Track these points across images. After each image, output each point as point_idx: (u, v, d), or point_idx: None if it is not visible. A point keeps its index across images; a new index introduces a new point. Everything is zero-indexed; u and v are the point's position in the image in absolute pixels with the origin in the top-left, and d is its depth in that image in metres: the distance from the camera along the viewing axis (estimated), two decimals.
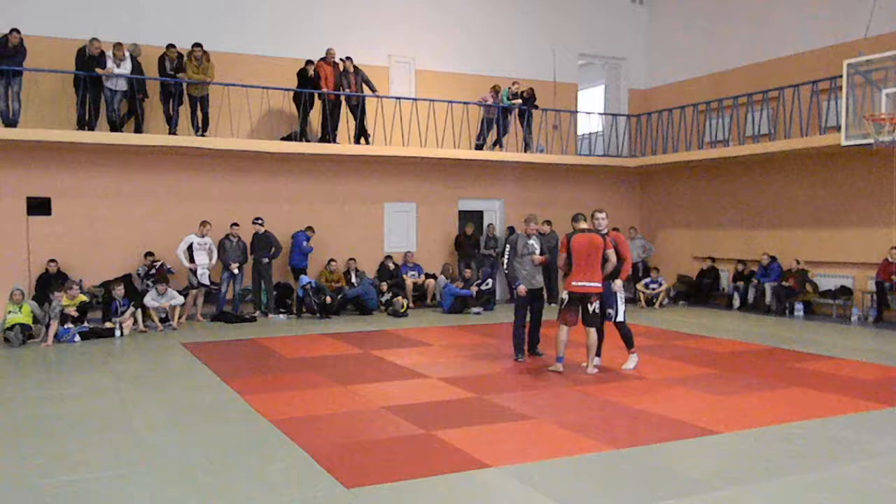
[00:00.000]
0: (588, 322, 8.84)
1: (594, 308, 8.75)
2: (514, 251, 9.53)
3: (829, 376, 8.74)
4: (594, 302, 8.73)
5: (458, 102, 16.14)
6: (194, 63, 13.76)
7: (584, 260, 8.68)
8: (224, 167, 14.67)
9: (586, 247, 8.68)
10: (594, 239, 8.68)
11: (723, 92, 16.44)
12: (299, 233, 14.67)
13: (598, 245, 8.66)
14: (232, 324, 13.21)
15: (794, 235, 15.36)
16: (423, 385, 8.35)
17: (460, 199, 17.11)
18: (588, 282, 8.69)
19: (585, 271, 8.68)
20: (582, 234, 8.75)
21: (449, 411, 7.12)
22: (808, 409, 7.23)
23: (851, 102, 12.33)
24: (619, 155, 18.42)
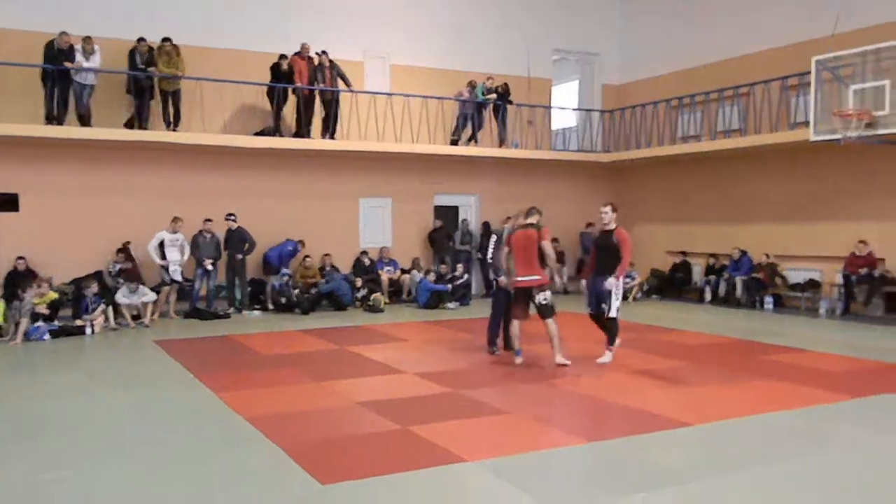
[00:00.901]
0: (541, 314, 8.93)
1: (540, 300, 8.83)
2: (500, 242, 9.56)
3: (798, 368, 8.88)
4: (538, 294, 8.82)
5: (433, 98, 16.14)
6: (165, 57, 13.63)
7: (521, 255, 8.88)
8: (196, 163, 14.54)
9: (522, 242, 8.90)
10: (529, 234, 8.86)
11: (695, 87, 16.59)
12: (291, 241, 14.66)
13: (532, 239, 8.82)
14: (205, 320, 13.11)
15: (764, 230, 15.57)
16: (399, 380, 8.35)
17: (436, 195, 17.11)
18: (527, 276, 8.85)
19: (523, 266, 8.88)
20: (519, 230, 8.99)
21: (425, 406, 7.13)
22: (777, 400, 7.34)
23: (820, 98, 12.51)
24: (593, 150, 18.53)
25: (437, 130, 16.28)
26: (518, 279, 8.94)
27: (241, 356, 9.88)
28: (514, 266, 8.99)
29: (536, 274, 8.84)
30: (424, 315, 13.96)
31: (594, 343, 10.19)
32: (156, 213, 13.81)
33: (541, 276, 8.85)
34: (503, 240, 9.46)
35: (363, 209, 16.30)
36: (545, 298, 8.86)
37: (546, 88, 18.66)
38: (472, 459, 5.51)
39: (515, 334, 9.07)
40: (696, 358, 9.56)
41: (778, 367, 8.99)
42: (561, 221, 18.01)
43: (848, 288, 13.62)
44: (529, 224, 8.95)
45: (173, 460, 5.60)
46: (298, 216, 15.24)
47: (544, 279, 8.88)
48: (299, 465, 5.38)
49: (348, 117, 15.32)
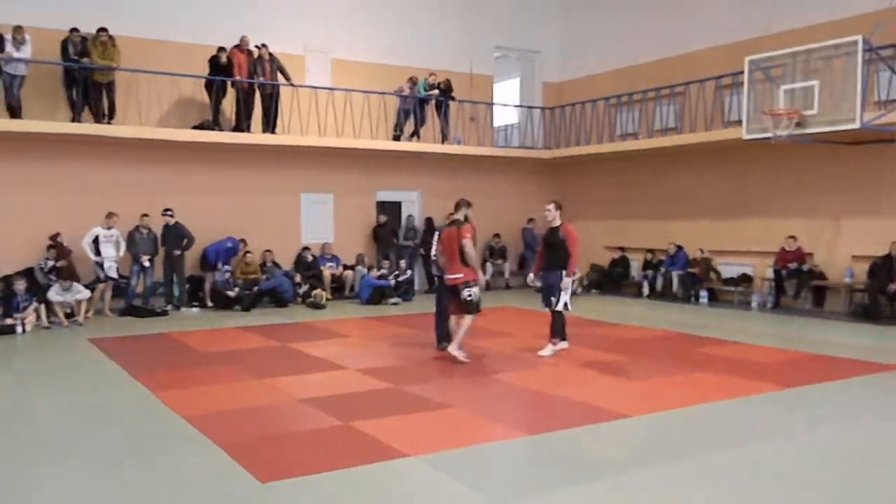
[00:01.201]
0: (463, 309, 8.91)
1: (464, 295, 8.82)
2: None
3: (732, 360, 9.11)
4: (463, 290, 8.81)
5: (374, 93, 16.05)
6: (100, 48, 13.24)
7: (447, 252, 8.97)
8: (132, 157, 14.18)
9: (445, 240, 9.00)
10: (451, 232, 8.92)
11: (633, 86, 16.87)
12: (232, 238, 14.47)
13: (452, 236, 8.88)
14: (142, 318, 12.82)
15: (699, 225, 15.92)
16: (341, 377, 8.30)
17: (378, 190, 17.04)
18: (452, 274, 8.91)
19: (449, 264, 8.96)
20: (445, 229, 9.07)
21: (366, 402, 7.10)
22: (713, 391, 7.52)
23: (752, 98, 12.84)
24: (534, 147, 18.70)
25: (380, 126, 16.21)
26: (446, 276, 9.04)
27: (179, 354, 9.68)
28: (444, 263, 9.05)
29: (459, 272, 8.82)
30: (367, 311, 13.89)
31: (534, 337, 10.29)
32: (90, 208, 13.41)
33: (464, 273, 8.80)
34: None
35: (305, 204, 16.13)
36: (469, 294, 8.82)
37: (488, 85, 18.74)
38: (413, 454, 5.50)
39: (454, 330, 9.08)
40: (635, 351, 9.73)
41: (713, 359, 9.21)
42: (503, 217, 18.16)
43: (778, 282, 14.03)
44: (454, 221, 9.00)
45: (109, 461, 5.45)
46: (238, 211, 15.00)
47: (468, 276, 8.81)
48: (238, 464, 5.29)
49: (289, 112, 15.13)
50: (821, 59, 11.92)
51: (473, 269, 8.88)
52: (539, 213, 18.31)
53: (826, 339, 10.75)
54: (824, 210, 13.81)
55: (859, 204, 13.31)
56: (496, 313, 13.45)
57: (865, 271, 12.89)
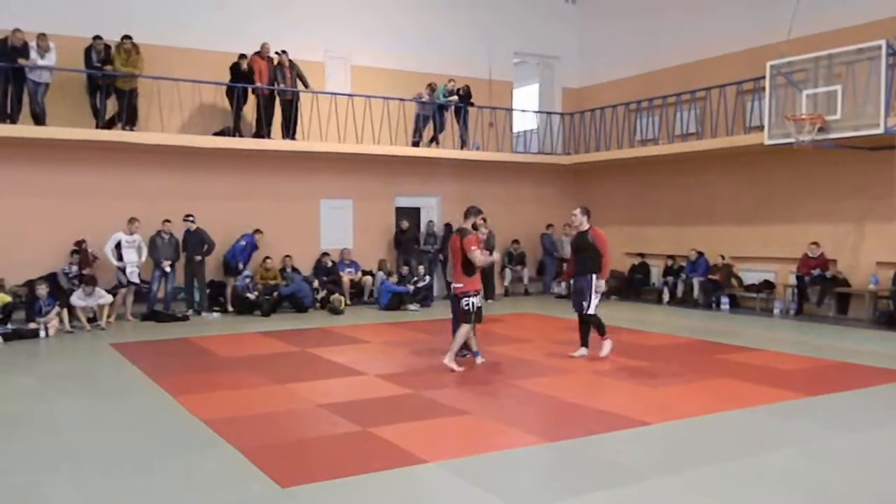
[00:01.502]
0: (461, 318, 8.82)
1: (462, 304, 8.70)
2: None
3: (754, 367, 9.03)
4: (462, 300, 8.71)
5: (394, 99, 16.10)
6: (123, 55, 13.39)
7: (453, 261, 8.93)
8: (154, 163, 14.31)
9: (452, 248, 8.95)
10: (455, 240, 8.84)
11: (653, 91, 16.81)
12: (246, 234, 14.55)
13: (456, 246, 8.78)
14: (163, 323, 12.91)
15: (720, 231, 15.81)
16: (360, 382, 8.31)
17: (397, 196, 17.07)
18: (455, 283, 8.85)
19: (453, 272, 8.95)
20: (455, 236, 8.95)
21: (385, 408, 7.10)
22: (733, 399, 7.45)
23: (774, 103, 12.75)
24: (553, 152, 18.66)
25: (399, 132, 16.25)
26: (453, 284, 8.99)
27: (199, 359, 9.73)
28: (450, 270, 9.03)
29: (460, 281, 8.73)
30: (386, 317, 13.91)
31: (553, 344, 10.28)
32: (112, 213, 13.55)
33: (464, 283, 8.69)
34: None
35: (324, 210, 16.19)
36: (467, 304, 8.70)
37: (507, 91, 18.74)
38: (432, 460, 5.49)
39: (470, 337, 9.05)
40: (656, 358, 9.66)
41: (735, 366, 9.13)
42: (522, 223, 18.14)
43: (801, 289, 13.89)
44: (462, 230, 8.88)
45: (131, 465, 5.48)
46: (258, 217, 15.08)
47: (469, 286, 8.69)
48: (259, 468, 5.30)
49: (309, 118, 15.21)
50: (844, 63, 11.83)
51: (477, 280, 8.78)
52: (558, 218, 18.37)
53: (850, 346, 10.63)
54: (848, 216, 13.67)
55: (883, 209, 13.16)
56: (515, 319, 13.42)
57: (890, 278, 12.73)
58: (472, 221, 8.94)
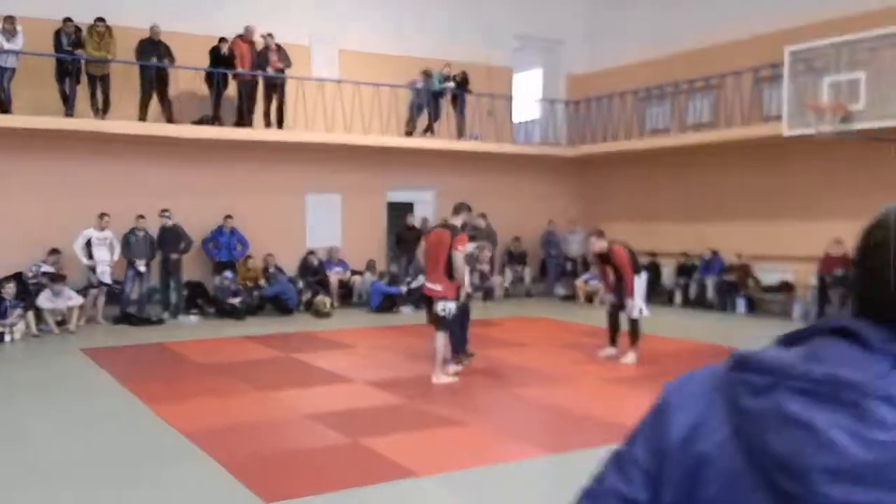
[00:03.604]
0: (435, 323, 8.48)
1: (438, 309, 8.34)
2: None
3: None
4: (438, 303, 8.34)
5: (385, 85, 16.11)
6: (95, 39, 13.39)
7: (431, 258, 8.41)
8: (128, 154, 14.30)
9: (433, 243, 8.47)
10: (442, 236, 8.40)
11: (664, 78, 16.83)
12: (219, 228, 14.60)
13: (443, 242, 8.31)
14: (137, 326, 12.92)
15: (736, 228, 15.85)
16: (348, 390, 8.34)
17: (389, 190, 17.09)
18: (429, 283, 8.48)
19: (429, 271, 8.49)
20: (435, 231, 8.68)
21: (375, 418, 7.13)
22: None
23: (793, 91, 12.78)
24: (557, 143, 18.69)
25: (391, 121, 16.25)
26: (425, 285, 8.66)
27: (176, 365, 9.76)
28: (425, 269, 8.65)
29: (439, 283, 8.27)
30: (376, 320, 13.94)
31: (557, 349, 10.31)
32: (82, 208, 13.54)
33: (444, 286, 8.27)
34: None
35: (310, 205, 16.21)
36: (443, 309, 8.31)
37: (507, 77, 18.75)
38: (425, 474, 5.52)
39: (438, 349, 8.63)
40: (667, 364, 9.69)
41: None
42: (523, 218, 18.15)
43: (822, 290, 13.92)
44: (449, 225, 8.49)
45: (103, 480, 5.51)
46: (239, 212, 15.06)
47: (448, 292, 8.30)
48: (241, 482, 5.33)
49: (294, 106, 15.20)
50: (867, 49, 11.86)
51: (457, 284, 8.41)
52: (561, 214, 18.41)
53: None
54: (872, 211, 13.51)
55: None
56: (515, 323, 13.46)
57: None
58: (462, 219, 8.65)
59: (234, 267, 14.40)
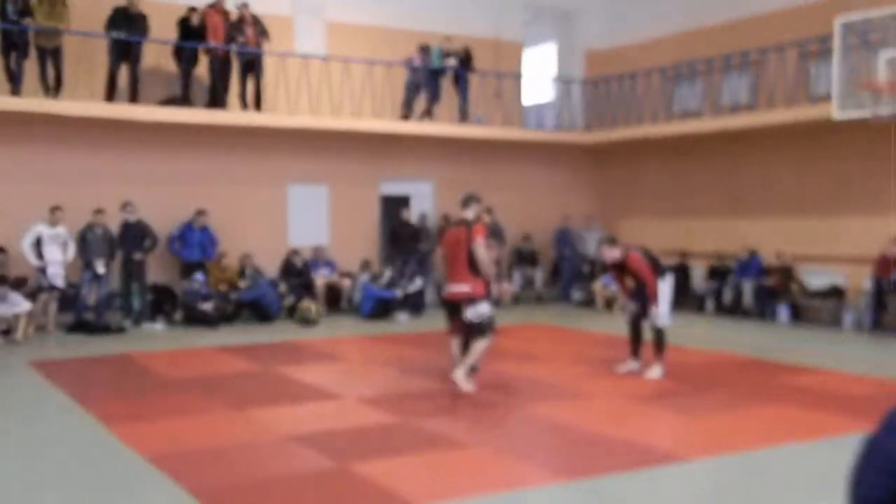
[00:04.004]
0: (469, 331, 8.70)
1: (470, 316, 8.59)
2: None
3: (816, 392, 9.06)
4: (468, 308, 8.58)
5: (379, 63, 16.11)
6: (45, 6, 13.39)
7: (450, 259, 8.77)
8: (84, 139, 14.31)
9: (450, 242, 8.80)
10: (458, 233, 8.69)
11: (696, 53, 16.83)
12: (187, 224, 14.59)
13: (459, 238, 8.62)
14: (94, 335, 12.93)
15: (778, 225, 15.85)
16: (337, 408, 8.33)
17: (382, 181, 17.10)
18: (453, 287, 8.70)
19: (451, 273, 8.76)
20: (452, 229, 8.90)
21: (367, 439, 7.13)
22: (792, 430, 7.48)
23: (845, 68, 12.76)
24: (573, 128, 18.69)
25: (385, 103, 16.26)
26: (447, 290, 8.86)
27: (139, 380, 9.75)
28: (446, 273, 8.90)
29: (465, 283, 8.58)
30: (368, 328, 13.94)
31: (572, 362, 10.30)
32: (31, 201, 13.55)
33: (471, 285, 8.59)
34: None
35: (293, 198, 16.22)
36: (477, 315, 8.59)
37: (516, 53, 18.76)
38: (423, 503, 5.51)
39: (452, 353, 9.01)
40: (696, 380, 9.69)
41: (794, 390, 9.16)
42: (534, 214, 18.17)
43: (878, 295, 13.91)
44: (462, 221, 8.79)
45: None
46: (212, 206, 15.07)
47: (477, 289, 8.62)
48: None
49: (274, 86, 15.22)
50: None
51: (485, 279, 8.75)
52: (577, 209, 18.41)
53: None
54: None
55: None
56: (525, 332, 13.45)
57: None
58: (475, 211, 8.89)
59: (204, 268, 14.40)
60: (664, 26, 18.19)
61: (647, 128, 17.24)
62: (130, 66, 14.10)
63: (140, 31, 14.04)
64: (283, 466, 6.42)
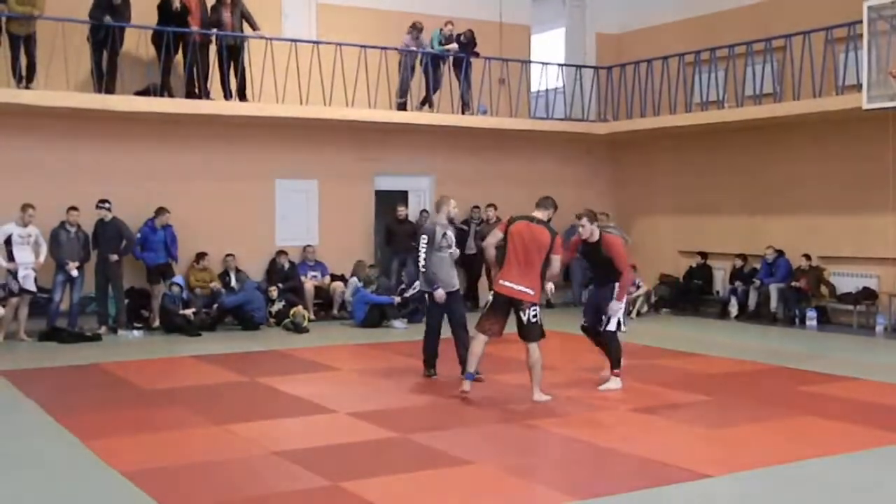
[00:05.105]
0: (525, 335, 8.87)
1: (529, 317, 8.77)
2: (432, 242, 9.98)
3: (848, 402, 9.08)
4: (529, 309, 8.76)
5: (373, 47, 16.09)
6: None
7: (522, 255, 8.78)
8: (57, 131, 14.31)
9: (527, 239, 8.79)
10: (541, 234, 8.78)
11: (717, 39, 16.78)
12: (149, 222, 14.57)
13: (542, 243, 8.75)
14: (68, 343, 12.91)
15: (806, 223, 15.82)
16: (328, 422, 8.34)
17: (376, 175, 17.10)
18: (519, 284, 8.77)
19: (521, 270, 8.78)
20: (525, 223, 8.91)
21: (362, 456, 7.14)
22: (823, 443, 7.51)
23: (875, 55, 12.76)
24: (584, 118, 18.67)
25: (380, 91, 16.24)
26: (507, 284, 8.83)
27: (117, 391, 9.76)
28: (506, 264, 8.88)
29: (532, 286, 8.77)
30: (362, 336, 13.94)
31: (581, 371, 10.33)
32: (0, 198, 13.56)
33: (535, 291, 8.80)
34: (436, 239, 9.96)
35: (280, 194, 16.22)
36: (535, 315, 8.81)
37: (523, 38, 18.74)
38: None
39: (476, 353, 8.99)
40: (718, 390, 9.71)
41: (823, 400, 9.17)
42: None
43: None
44: (542, 220, 8.93)
45: None
46: (193, 203, 15.07)
47: (537, 297, 8.84)
48: None
49: (261, 73, 15.20)
50: None
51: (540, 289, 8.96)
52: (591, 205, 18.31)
53: None
54: None
55: None
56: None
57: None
58: (549, 213, 9.07)
59: (172, 269, 14.36)
60: (682, 9, 18.18)
61: (665, 118, 17.22)
62: (110, 53, 14.10)
63: (124, 18, 14.04)
64: (269, 485, 6.42)
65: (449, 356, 10.13)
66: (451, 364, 10.04)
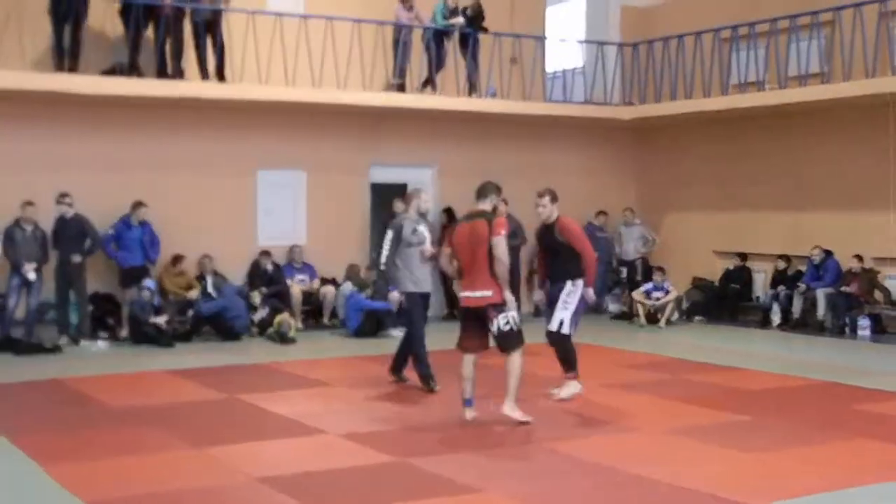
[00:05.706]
0: (500, 346, 8.82)
1: (500, 324, 8.68)
2: (398, 239, 10.27)
3: None
4: (495, 317, 8.67)
5: (369, 22, 16.10)
6: None
7: (467, 260, 8.82)
8: (11, 117, 14.33)
9: (466, 241, 8.81)
10: (476, 228, 8.74)
11: (757, 13, 16.79)
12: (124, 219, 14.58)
13: (481, 236, 8.68)
14: (24, 355, 12.95)
15: (858, 221, 15.80)
16: (318, 445, 8.36)
17: (372, 166, 17.11)
18: (473, 291, 8.77)
19: (469, 276, 8.83)
20: (462, 224, 9.03)
21: (356, 483, 7.14)
22: (875, 468, 7.49)
23: None
24: (606, 102, 18.66)
25: (375, 71, 16.25)
26: (464, 295, 8.92)
27: (80, 410, 9.77)
28: (461, 275, 9.00)
29: (488, 288, 8.67)
30: (355, 346, 13.97)
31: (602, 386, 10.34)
32: None
33: (495, 289, 8.69)
34: (403, 235, 10.22)
35: (263, 187, 16.24)
36: (507, 322, 8.70)
37: (538, 11, 18.76)
38: None
39: (466, 376, 8.93)
40: (759, 408, 9.69)
41: (879, 419, 9.17)
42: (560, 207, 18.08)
43: None
44: (479, 213, 8.87)
45: None
46: (165, 197, 15.06)
47: (499, 294, 8.71)
48: None
49: (242, 51, 15.21)
50: None
51: (502, 284, 8.78)
52: (614, 200, 18.40)
53: None
54: None
55: None
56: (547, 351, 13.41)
57: None
58: (492, 202, 8.99)
59: (148, 273, 14.37)
60: None
61: (698, 101, 17.21)
62: (73, 28, 14.09)
63: None
64: None
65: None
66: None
